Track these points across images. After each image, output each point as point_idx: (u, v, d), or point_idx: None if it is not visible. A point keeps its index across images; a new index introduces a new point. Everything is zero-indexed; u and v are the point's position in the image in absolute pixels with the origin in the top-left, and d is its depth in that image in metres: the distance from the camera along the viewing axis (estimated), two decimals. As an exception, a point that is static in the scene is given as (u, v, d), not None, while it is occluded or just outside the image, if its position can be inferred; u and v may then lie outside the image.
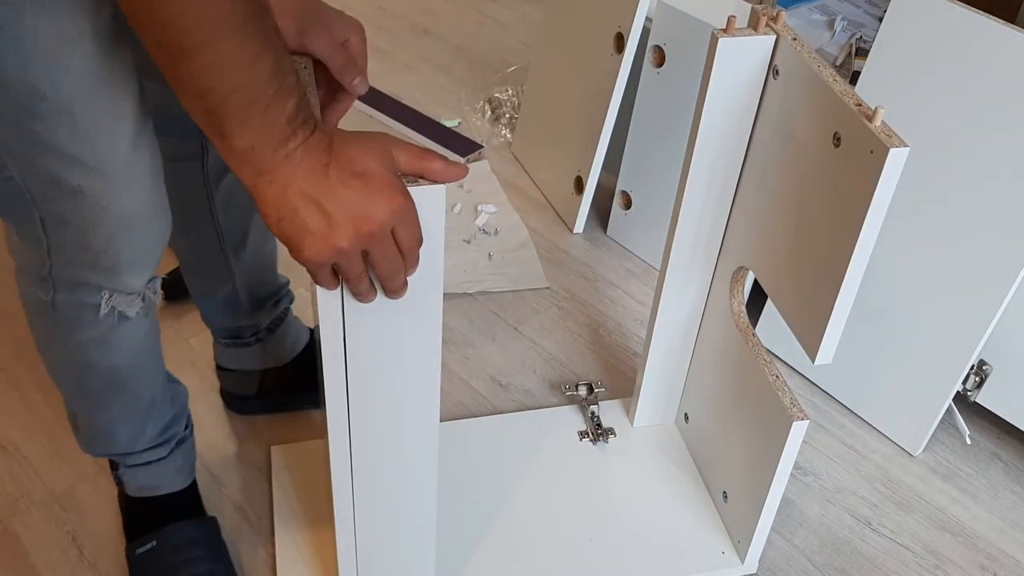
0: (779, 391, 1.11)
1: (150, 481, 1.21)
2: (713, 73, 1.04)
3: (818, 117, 0.96)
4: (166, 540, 1.20)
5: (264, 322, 1.34)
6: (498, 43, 2.37)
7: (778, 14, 1.03)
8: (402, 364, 0.91)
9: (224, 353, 1.38)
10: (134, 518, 1.23)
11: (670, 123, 1.60)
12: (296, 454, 1.34)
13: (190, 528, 1.21)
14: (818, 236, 0.99)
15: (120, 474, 1.20)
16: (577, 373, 1.53)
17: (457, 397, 1.48)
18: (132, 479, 1.20)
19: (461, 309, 1.63)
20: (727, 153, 1.12)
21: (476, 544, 1.23)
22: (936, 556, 1.31)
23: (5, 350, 1.48)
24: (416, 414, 0.96)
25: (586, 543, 1.25)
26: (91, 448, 1.18)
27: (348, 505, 1.01)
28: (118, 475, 1.21)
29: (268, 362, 1.37)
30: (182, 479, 1.23)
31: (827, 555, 1.30)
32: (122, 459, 1.19)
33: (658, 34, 1.57)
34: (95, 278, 0.95)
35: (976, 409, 1.44)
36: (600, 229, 1.82)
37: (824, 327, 0.98)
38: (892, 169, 0.87)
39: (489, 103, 2.13)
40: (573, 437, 1.38)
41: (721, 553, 1.25)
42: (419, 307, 0.87)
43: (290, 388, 1.40)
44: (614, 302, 1.67)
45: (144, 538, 1.20)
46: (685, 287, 1.24)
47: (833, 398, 1.51)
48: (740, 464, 1.21)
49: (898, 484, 1.40)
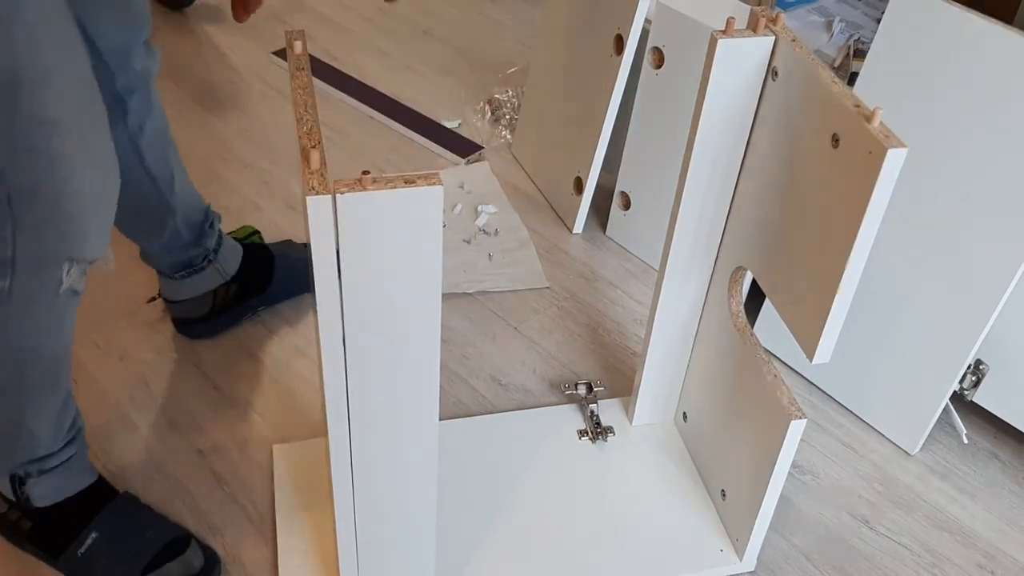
0: (777, 390, 1.11)
1: (64, 483, 1.17)
2: (712, 74, 1.05)
3: (817, 118, 0.97)
4: (109, 522, 1.17)
5: (211, 244, 1.45)
6: (498, 44, 2.37)
7: (777, 15, 1.03)
8: (402, 363, 0.91)
9: (177, 287, 1.47)
10: (55, 528, 1.17)
11: (669, 124, 1.60)
12: (297, 453, 1.34)
13: (123, 501, 1.20)
14: (816, 236, 0.99)
15: (27, 489, 1.15)
16: (576, 372, 1.54)
17: (457, 396, 1.48)
18: (43, 487, 1.16)
19: (461, 309, 1.64)
20: (726, 154, 1.12)
21: (476, 543, 1.24)
22: (934, 555, 1.32)
23: None
24: (416, 413, 0.96)
25: (585, 541, 1.25)
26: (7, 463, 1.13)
27: (348, 504, 1.02)
28: (23, 492, 1.15)
29: (217, 280, 1.49)
30: (89, 474, 1.21)
31: (825, 554, 1.30)
32: (38, 465, 1.14)
33: (657, 36, 1.57)
34: (63, 248, 0.98)
35: (973, 408, 1.45)
36: (599, 229, 1.83)
37: (822, 327, 0.99)
38: (890, 170, 0.87)
39: (489, 104, 2.13)
40: (572, 436, 1.39)
41: (719, 551, 1.25)
42: (418, 306, 0.87)
43: (239, 298, 1.52)
44: (613, 302, 1.68)
45: (81, 535, 1.16)
46: (684, 287, 1.25)
47: (831, 397, 1.51)
48: (738, 463, 1.21)
49: (896, 483, 1.40)
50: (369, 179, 0.80)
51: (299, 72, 0.94)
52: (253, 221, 1.74)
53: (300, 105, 0.89)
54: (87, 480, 1.20)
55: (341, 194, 0.79)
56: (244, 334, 1.55)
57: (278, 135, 2.00)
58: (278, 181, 1.88)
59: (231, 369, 1.49)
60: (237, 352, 1.52)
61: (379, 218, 0.81)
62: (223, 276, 1.49)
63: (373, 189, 0.80)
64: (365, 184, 0.80)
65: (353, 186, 0.80)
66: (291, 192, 1.85)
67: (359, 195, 0.79)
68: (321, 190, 0.79)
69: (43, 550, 1.19)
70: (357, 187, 0.80)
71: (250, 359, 1.51)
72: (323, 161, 0.82)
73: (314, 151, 0.82)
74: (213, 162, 1.90)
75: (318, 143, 0.84)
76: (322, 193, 0.79)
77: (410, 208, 0.81)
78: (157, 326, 1.55)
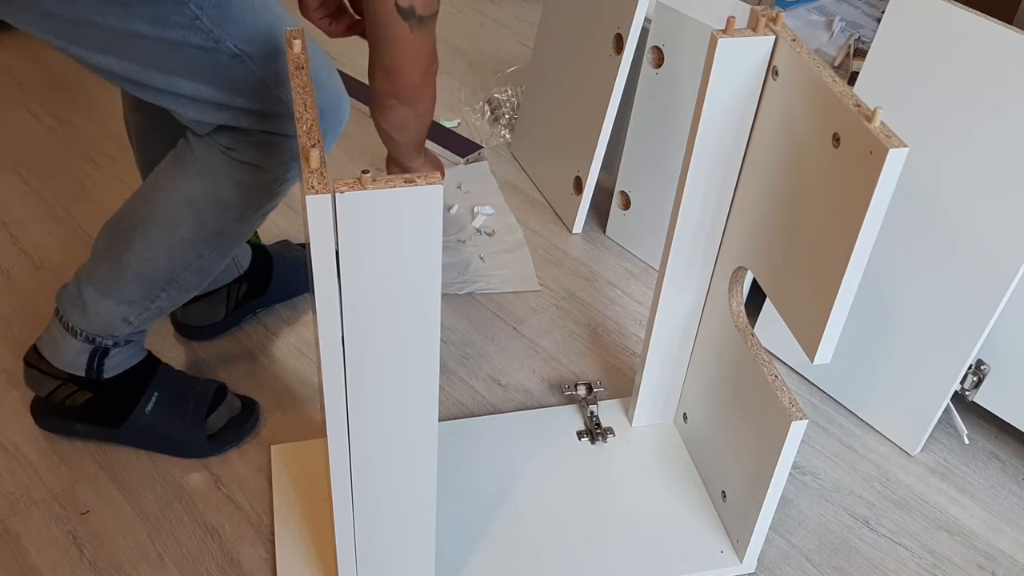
0: (778, 391, 1.11)
1: (133, 354, 1.32)
2: (712, 73, 1.04)
3: (817, 117, 0.97)
4: (163, 385, 1.34)
5: None
6: (497, 43, 2.37)
7: (777, 15, 1.03)
8: (401, 363, 0.91)
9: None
10: (116, 396, 1.32)
11: (669, 124, 1.60)
12: (296, 453, 1.34)
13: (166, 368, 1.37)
14: (817, 236, 0.99)
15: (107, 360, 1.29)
16: (576, 373, 1.53)
17: (456, 397, 1.48)
18: (119, 358, 1.30)
19: (460, 309, 1.63)
20: (726, 153, 1.12)
21: (476, 544, 1.23)
22: (934, 555, 1.31)
23: (3, 352, 1.49)
24: (415, 414, 0.96)
25: (585, 542, 1.25)
26: (148, 323, 1.28)
27: (347, 504, 1.01)
28: (101, 364, 1.29)
29: (233, 273, 1.51)
30: (143, 348, 1.35)
31: (825, 554, 1.30)
32: (128, 336, 1.28)
33: (657, 35, 1.57)
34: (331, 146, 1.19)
35: (974, 409, 1.44)
36: (599, 229, 1.82)
37: (823, 327, 0.99)
38: (891, 170, 0.87)
39: (488, 103, 2.13)
40: (572, 437, 1.39)
41: (720, 552, 1.25)
42: (418, 306, 0.87)
43: (248, 297, 1.54)
44: (613, 302, 1.68)
45: (143, 398, 1.32)
46: (684, 287, 1.25)
47: (831, 398, 1.51)
48: (739, 463, 1.21)
49: (896, 483, 1.40)
50: (369, 178, 0.80)
51: (298, 71, 0.93)
52: (252, 221, 1.74)
53: (299, 104, 0.89)
54: (143, 353, 1.35)
55: (341, 193, 0.79)
56: (243, 334, 1.55)
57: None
58: (277, 181, 1.87)
59: (230, 369, 1.49)
60: (236, 352, 1.52)
61: (379, 218, 0.81)
62: (238, 269, 1.51)
63: (373, 188, 0.79)
64: (365, 183, 0.80)
65: (353, 185, 0.79)
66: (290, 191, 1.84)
67: (359, 194, 0.79)
68: (321, 189, 0.79)
69: (101, 422, 1.33)
70: (357, 186, 0.79)
71: (249, 359, 1.51)
72: (323, 160, 0.82)
73: (314, 150, 0.81)
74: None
75: (318, 142, 0.84)
76: (322, 192, 0.78)
77: (410, 207, 0.81)
78: (156, 326, 1.54)
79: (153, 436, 1.33)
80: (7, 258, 1.67)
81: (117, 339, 1.28)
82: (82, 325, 1.26)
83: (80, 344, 1.27)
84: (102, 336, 1.27)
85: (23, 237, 1.71)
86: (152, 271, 1.22)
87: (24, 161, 1.89)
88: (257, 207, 1.23)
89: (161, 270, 1.23)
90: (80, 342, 1.27)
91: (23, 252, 1.68)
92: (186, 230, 1.20)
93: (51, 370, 1.30)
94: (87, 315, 1.25)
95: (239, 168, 1.17)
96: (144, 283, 1.23)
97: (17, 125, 1.99)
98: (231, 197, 1.19)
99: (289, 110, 1.13)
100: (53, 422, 1.35)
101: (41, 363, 1.30)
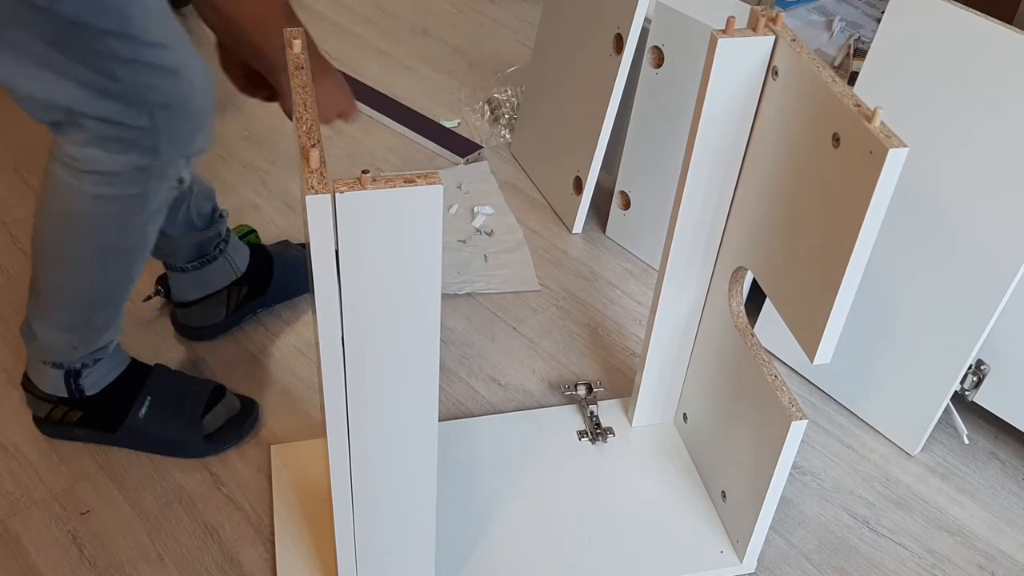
0: (778, 391, 1.11)
1: (110, 367, 1.30)
2: (712, 73, 1.04)
3: (817, 117, 0.97)
4: (157, 388, 1.32)
5: (222, 229, 1.46)
6: (497, 44, 2.37)
7: (777, 15, 1.03)
8: (401, 363, 0.91)
9: (191, 282, 1.46)
10: (108, 407, 1.31)
11: (669, 124, 1.60)
12: (296, 453, 1.34)
13: (160, 370, 1.35)
14: (817, 236, 0.99)
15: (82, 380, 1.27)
16: (576, 373, 1.53)
17: (456, 396, 1.48)
18: (95, 375, 1.28)
19: (460, 309, 1.63)
20: (726, 153, 1.12)
21: (476, 544, 1.23)
22: (934, 555, 1.31)
23: (3, 352, 1.48)
24: (415, 413, 0.96)
25: (585, 542, 1.25)
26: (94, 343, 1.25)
27: (347, 504, 1.01)
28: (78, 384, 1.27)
29: (229, 275, 1.49)
30: (124, 357, 1.33)
31: (825, 554, 1.30)
32: (95, 354, 1.26)
33: (657, 35, 1.57)
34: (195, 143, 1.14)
35: (974, 409, 1.44)
36: (599, 229, 1.82)
37: (823, 327, 0.99)
38: (891, 169, 0.87)
39: (488, 104, 2.13)
40: (572, 437, 1.39)
41: (720, 552, 1.25)
42: (418, 306, 0.87)
43: (248, 298, 1.53)
44: (613, 302, 1.68)
45: (136, 403, 1.31)
46: (684, 287, 1.25)
47: (831, 398, 1.51)
48: (739, 463, 1.21)
49: (896, 483, 1.40)
50: (368, 178, 0.80)
51: (298, 71, 0.93)
52: (251, 220, 1.74)
53: (299, 104, 0.88)
54: (125, 362, 1.34)
55: (341, 193, 0.79)
56: (243, 335, 1.55)
57: (277, 135, 2.00)
58: (276, 181, 1.87)
59: (230, 370, 1.49)
60: (236, 353, 1.52)
61: (379, 217, 0.81)
62: (235, 271, 1.50)
63: (373, 188, 0.79)
64: (364, 183, 0.79)
65: (352, 185, 0.79)
66: (289, 192, 1.84)
67: (358, 194, 0.79)
68: (321, 189, 0.79)
69: (99, 429, 1.32)
70: (356, 186, 0.79)
71: (249, 360, 1.51)
72: (322, 160, 0.82)
73: (314, 150, 0.81)
74: (212, 162, 1.90)
75: (317, 142, 0.84)
76: (322, 192, 0.78)
77: (410, 207, 0.81)
78: (155, 326, 1.54)
79: (149, 438, 1.33)
80: (7, 258, 1.67)
81: (84, 360, 1.27)
82: (41, 354, 1.26)
83: (52, 370, 1.28)
84: (64, 361, 1.26)
85: (23, 237, 1.71)
86: (70, 296, 1.21)
87: (24, 161, 1.89)
88: (133, 213, 1.16)
89: (77, 293, 1.21)
90: (51, 368, 1.28)
91: (23, 252, 1.68)
92: (76, 251, 1.17)
93: (41, 395, 1.31)
94: (40, 344, 1.26)
95: (88, 179, 1.10)
96: (70, 309, 1.22)
97: (17, 125, 1.99)
98: (95, 211, 1.13)
99: (133, 96, 1.05)
100: (52, 429, 1.35)
101: (32, 388, 1.32)
